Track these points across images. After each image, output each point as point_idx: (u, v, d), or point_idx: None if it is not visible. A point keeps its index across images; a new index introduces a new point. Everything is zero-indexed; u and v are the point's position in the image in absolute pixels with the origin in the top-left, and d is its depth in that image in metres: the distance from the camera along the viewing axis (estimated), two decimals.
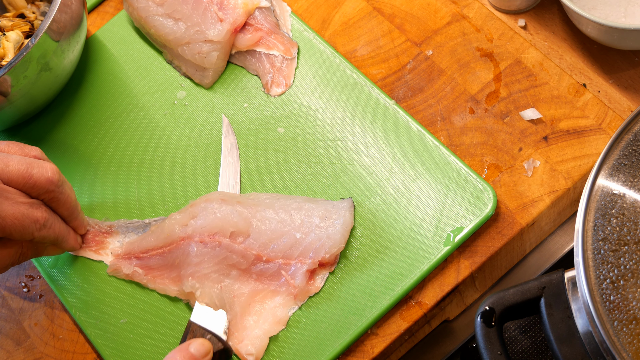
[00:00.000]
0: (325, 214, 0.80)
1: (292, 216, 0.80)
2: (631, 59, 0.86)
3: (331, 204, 0.81)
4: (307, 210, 0.81)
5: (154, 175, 0.91)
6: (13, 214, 0.74)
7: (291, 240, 0.80)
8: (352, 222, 0.81)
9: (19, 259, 0.79)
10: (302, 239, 0.79)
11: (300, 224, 0.80)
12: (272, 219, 0.80)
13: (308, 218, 0.80)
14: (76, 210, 0.83)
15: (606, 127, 0.83)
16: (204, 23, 0.91)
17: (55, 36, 0.86)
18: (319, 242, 0.79)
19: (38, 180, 0.76)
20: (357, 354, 0.79)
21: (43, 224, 0.77)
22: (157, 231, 0.84)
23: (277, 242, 0.80)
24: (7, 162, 0.75)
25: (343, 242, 0.79)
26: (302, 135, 0.89)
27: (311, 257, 0.79)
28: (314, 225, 0.80)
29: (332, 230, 0.79)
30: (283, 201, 0.82)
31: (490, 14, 0.91)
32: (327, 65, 0.91)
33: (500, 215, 0.82)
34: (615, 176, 0.71)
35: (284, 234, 0.80)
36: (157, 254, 0.83)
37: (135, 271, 0.84)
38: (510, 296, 0.73)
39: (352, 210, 0.81)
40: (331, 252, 0.79)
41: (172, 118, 0.93)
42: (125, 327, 0.84)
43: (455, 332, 0.85)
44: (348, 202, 0.81)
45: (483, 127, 0.86)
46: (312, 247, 0.79)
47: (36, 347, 0.87)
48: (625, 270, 0.68)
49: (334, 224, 0.80)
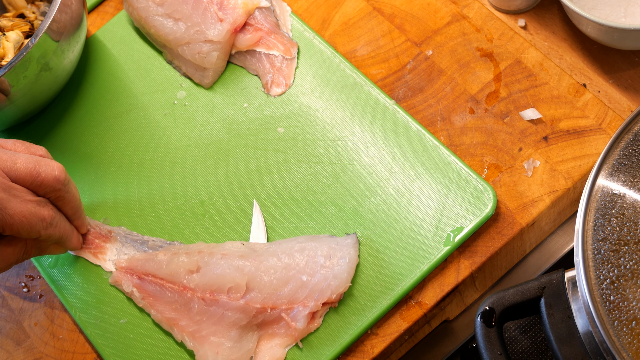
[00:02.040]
0: (330, 252, 0.79)
1: (296, 259, 0.79)
2: (631, 59, 0.86)
3: (335, 241, 0.80)
4: (311, 250, 0.79)
5: (154, 175, 0.91)
6: (21, 212, 0.74)
7: (297, 284, 0.78)
8: (357, 259, 0.79)
9: (23, 256, 0.79)
10: (309, 281, 0.78)
11: (305, 265, 0.78)
12: (277, 267, 0.79)
13: (312, 258, 0.79)
14: (80, 209, 0.83)
15: (606, 127, 0.83)
16: (204, 23, 0.91)
17: (55, 36, 0.86)
18: (325, 282, 0.78)
19: (45, 178, 0.76)
20: (357, 354, 0.79)
21: (50, 222, 0.77)
22: (162, 259, 0.83)
23: (283, 290, 0.78)
24: (15, 160, 0.75)
25: (349, 281, 0.78)
26: (302, 135, 0.89)
27: (316, 299, 0.77)
28: (319, 265, 0.78)
29: (337, 269, 0.78)
30: (285, 245, 0.81)
31: (490, 14, 0.91)
32: (327, 65, 0.91)
33: (500, 215, 0.82)
34: (615, 176, 0.71)
35: (290, 279, 0.78)
36: (157, 284, 0.82)
37: (133, 292, 0.83)
38: (510, 296, 0.73)
39: (357, 246, 0.80)
40: (338, 291, 0.78)
41: (172, 118, 0.93)
42: (125, 327, 0.84)
43: (455, 332, 0.85)
44: (352, 239, 0.80)
45: (483, 127, 0.86)
46: (319, 289, 0.78)
47: (36, 347, 0.87)
48: (625, 270, 0.68)
49: (339, 263, 0.78)
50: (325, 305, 0.79)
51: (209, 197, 0.88)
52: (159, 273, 0.82)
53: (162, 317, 0.81)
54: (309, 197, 0.85)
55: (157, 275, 0.82)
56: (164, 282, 0.82)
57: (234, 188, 0.88)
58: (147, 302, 0.82)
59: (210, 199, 0.88)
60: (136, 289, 0.83)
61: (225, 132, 0.91)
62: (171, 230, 0.87)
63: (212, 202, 0.88)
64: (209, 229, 0.87)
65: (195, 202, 0.88)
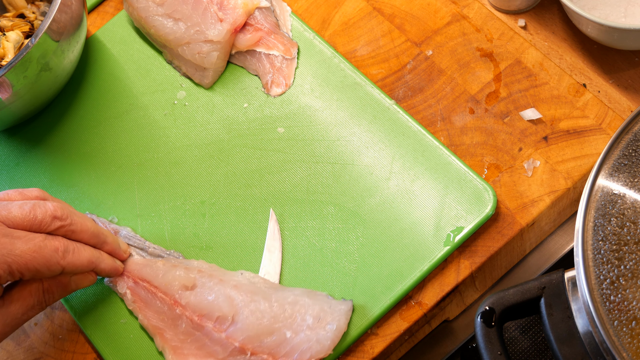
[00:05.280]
0: (320, 314, 0.77)
1: (286, 311, 0.77)
2: (631, 59, 0.86)
3: (329, 304, 0.78)
4: (302, 306, 0.78)
5: (154, 175, 0.91)
6: (29, 249, 0.73)
7: (281, 338, 0.77)
8: (345, 327, 0.77)
9: (45, 296, 0.77)
10: (291, 339, 0.76)
11: (292, 321, 0.77)
12: (265, 313, 0.78)
13: (301, 315, 0.77)
14: (100, 236, 0.81)
15: (606, 127, 0.83)
16: (204, 23, 0.91)
17: (55, 36, 0.86)
18: (307, 344, 0.76)
19: (43, 219, 0.75)
20: (357, 354, 0.79)
21: (64, 250, 0.75)
22: (160, 268, 0.83)
23: (267, 339, 0.77)
24: (9, 209, 0.75)
25: (331, 349, 0.76)
26: (302, 135, 0.89)
27: (295, 358, 0.76)
28: (306, 325, 0.77)
29: (322, 335, 0.76)
30: (281, 293, 0.79)
31: (490, 14, 0.91)
32: (327, 65, 0.91)
33: (500, 215, 0.82)
34: (615, 176, 0.71)
35: (275, 332, 0.77)
36: (150, 291, 0.82)
37: (126, 294, 0.83)
38: (510, 296, 0.73)
39: (349, 315, 0.78)
40: (317, 357, 0.76)
41: (172, 118, 0.93)
42: (125, 327, 0.84)
43: (455, 332, 0.85)
44: (347, 305, 0.78)
45: (483, 127, 0.86)
46: (299, 349, 0.76)
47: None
48: (625, 270, 0.68)
49: (326, 329, 0.76)
50: None
51: (209, 197, 0.88)
52: (154, 281, 0.82)
53: (148, 323, 0.81)
54: (309, 197, 0.85)
55: (152, 282, 0.82)
56: (157, 290, 0.82)
57: (234, 188, 0.88)
58: (136, 306, 0.82)
59: (210, 199, 0.88)
60: (129, 291, 0.83)
61: (225, 132, 0.91)
62: (171, 230, 0.87)
63: (212, 202, 0.88)
64: (209, 229, 0.87)
65: (195, 202, 0.88)
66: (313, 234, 0.84)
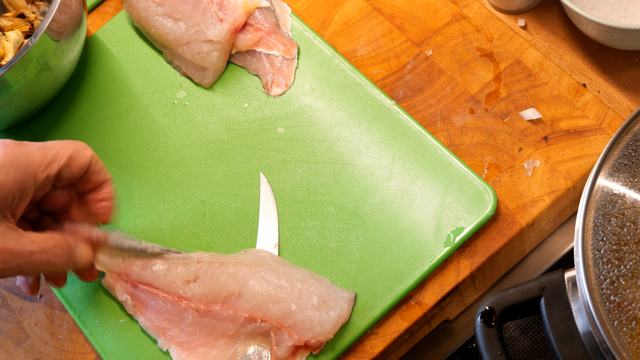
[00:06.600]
0: (325, 297, 0.77)
1: (293, 285, 0.78)
2: (631, 59, 0.86)
3: (333, 289, 0.78)
4: (310, 285, 0.78)
5: (154, 175, 0.91)
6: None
7: (285, 309, 0.77)
8: (347, 316, 0.78)
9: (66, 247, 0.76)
10: (296, 312, 0.77)
11: (298, 296, 0.77)
12: (271, 282, 0.78)
13: (308, 293, 0.78)
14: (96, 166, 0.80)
15: (606, 127, 0.83)
16: (204, 23, 0.91)
17: (55, 36, 0.86)
18: (310, 323, 0.77)
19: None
20: (357, 354, 0.79)
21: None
22: (159, 269, 0.82)
23: (273, 306, 0.77)
24: None
25: (332, 334, 0.77)
26: (302, 135, 0.89)
27: (298, 334, 0.77)
28: (311, 304, 0.77)
29: (324, 318, 0.77)
30: (289, 268, 0.80)
31: (490, 14, 0.91)
32: (327, 65, 0.91)
33: (500, 215, 0.82)
34: (615, 176, 0.71)
35: (280, 300, 0.78)
36: (151, 293, 0.82)
37: (126, 301, 0.83)
38: (510, 296, 0.73)
39: (352, 304, 0.78)
40: (317, 338, 0.77)
41: (172, 118, 0.93)
42: (125, 327, 0.84)
43: (455, 332, 0.85)
44: (350, 295, 0.78)
45: (483, 127, 0.86)
46: (302, 326, 0.77)
47: (36, 347, 0.87)
48: (625, 270, 0.68)
49: (329, 313, 0.77)
50: (306, 347, 0.78)
51: (209, 197, 0.88)
52: (155, 282, 0.82)
53: (150, 324, 0.81)
54: (309, 198, 0.85)
55: (152, 284, 0.82)
56: (159, 291, 0.82)
57: (234, 188, 0.88)
58: (137, 310, 0.82)
59: (210, 199, 0.88)
60: (129, 296, 0.82)
61: (225, 132, 0.91)
62: (171, 230, 0.87)
63: (212, 202, 0.88)
64: (209, 229, 0.87)
65: (195, 202, 0.88)
66: (313, 234, 0.84)
